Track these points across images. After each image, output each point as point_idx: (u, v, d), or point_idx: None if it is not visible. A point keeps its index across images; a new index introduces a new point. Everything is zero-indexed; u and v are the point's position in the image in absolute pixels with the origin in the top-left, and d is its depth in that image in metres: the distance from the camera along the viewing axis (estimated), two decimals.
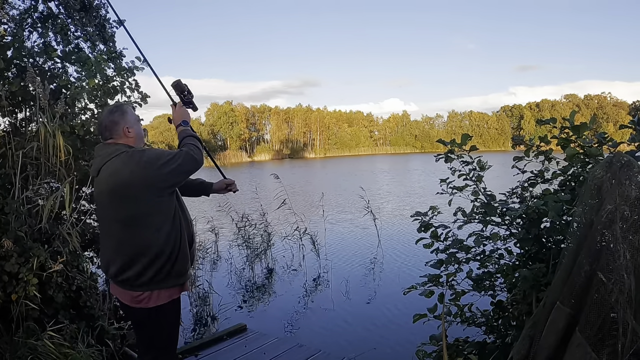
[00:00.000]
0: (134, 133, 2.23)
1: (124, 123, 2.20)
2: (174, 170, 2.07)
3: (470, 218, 2.69)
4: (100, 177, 2.14)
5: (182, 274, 2.20)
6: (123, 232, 2.11)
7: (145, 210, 2.07)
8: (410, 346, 3.27)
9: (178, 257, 2.15)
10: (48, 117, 3.70)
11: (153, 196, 2.07)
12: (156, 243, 2.08)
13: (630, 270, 1.55)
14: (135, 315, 2.26)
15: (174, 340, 2.36)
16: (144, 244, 2.08)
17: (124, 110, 2.26)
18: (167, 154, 2.12)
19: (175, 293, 2.22)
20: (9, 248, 3.17)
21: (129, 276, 2.10)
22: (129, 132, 2.21)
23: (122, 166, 2.07)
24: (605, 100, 76.12)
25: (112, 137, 2.20)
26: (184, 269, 2.20)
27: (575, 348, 1.67)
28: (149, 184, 2.05)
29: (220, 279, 7.59)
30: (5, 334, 3.25)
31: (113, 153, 2.12)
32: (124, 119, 2.21)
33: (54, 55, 4.40)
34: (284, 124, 73.54)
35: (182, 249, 2.16)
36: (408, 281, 3.25)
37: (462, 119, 79.78)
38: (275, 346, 3.96)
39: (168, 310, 2.21)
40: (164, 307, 2.17)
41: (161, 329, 2.23)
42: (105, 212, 2.19)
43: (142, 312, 2.17)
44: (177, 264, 2.15)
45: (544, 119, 2.51)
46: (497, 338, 2.71)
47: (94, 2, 5.88)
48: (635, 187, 1.60)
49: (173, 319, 2.29)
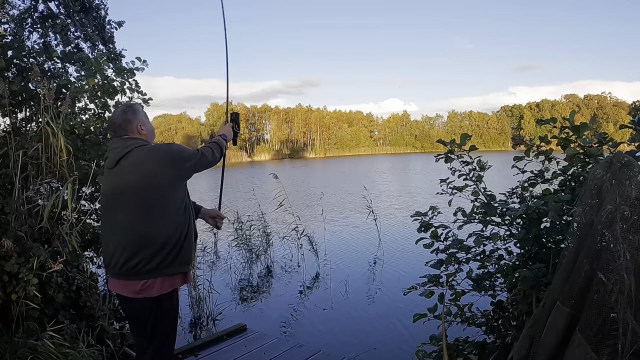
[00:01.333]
0: (146, 130, 2.38)
1: (136, 121, 2.34)
2: (193, 165, 2.29)
3: (470, 218, 2.69)
4: (119, 168, 2.23)
5: (186, 262, 2.31)
6: (137, 220, 2.19)
7: (163, 199, 2.20)
8: (410, 346, 3.27)
9: (184, 245, 2.25)
10: (53, 117, 3.71)
11: (172, 187, 2.23)
12: (167, 230, 2.20)
13: (630, 270, 1.55)
14: (136, 309, 2.28)
15: (171, 336, 2.38)
16: (156, 231, 2.18)
17: (135, 109, 2.40)
18: (188, 151, 2.33)
19: (177, 282, 2.29)
20: (9, 248, 3.17)
21: (137, 262, 2.16)
22: (142, 129, 2.35)
23: (149, 156, 2.23)
24: (605, 100, 76.14)
25: (127, 134, 2.33)
26: (188, 258, 2.31)
27: (575, 348, 1.67)
28: (173, 175, 2.22)
29: (220, 278, 7.59)
30: (5, 334, 3.25)
31: (132, 145, 2.25)
32: (136, 117, 2.35)
33: (54, 55, 4.40)
34: (284, 124, 73.58)
35: (187, 238, 2.27)
36: (408, 281, 3.25)
37: (462, 119, 79.80)
38: (275, 346, 3.96)
39: (168, 301, 2.26)
40: (165, 297, 2.23)
41: (160, 321, 2.27)
42: (119, 202, 2.24)
43: (144, 303, 2.21)
44: (183, 250, 2.25)
45: (544, 119, 2.51)
46: (497, 338, 2.71)
47: (93, 3, 5.88)
48: (635, 187, 1.60)
49: (173, 311, 2.33)
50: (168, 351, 2.37)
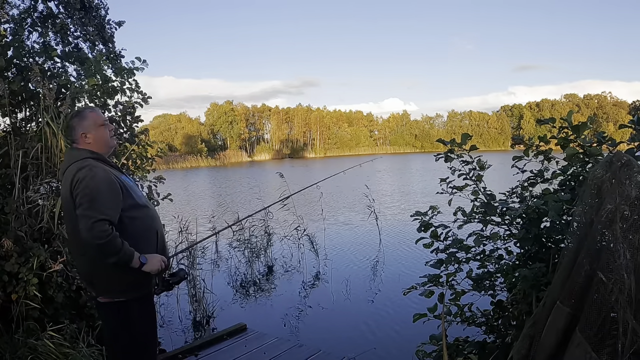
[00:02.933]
0: (92, 138, 2.24)
1: (80, 129, 2.23)
2: (81, 220, 2.03)
3: (470, 218, 2.69)
4: (63, 180, 2.22)
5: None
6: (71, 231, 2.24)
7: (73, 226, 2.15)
8: (410, 346, 3.26)
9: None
10: (53, 117, 3.70)
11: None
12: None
13: (630, 269, 1.55)
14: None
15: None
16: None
17: (82, 116, 2.28)
18: (91, 207, 2.01)
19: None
20: (9, 248, 3.18)
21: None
22: (86, 138, 2.23)
23: (66, 180, 2.15)
24: (605, 100, 76.03)
25: (74, 141, 2.27)
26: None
27: (575, 348, 1.67)
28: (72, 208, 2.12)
29: (220, 278, 7.59)
30: (5, 333, 3.25)
31: (72, 159, 2.19)
32: (80, 124, 2.24)
33: (53, 55, 4.40)
34: (284, 123, 73.47)
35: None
36: (408, 281, 3.25)
37: (462, 118, 79.66)
38: (275, 346, 3.96)
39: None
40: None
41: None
42: (64, 211, 2.30)
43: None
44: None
45: (543, 118, 2.51)
46: (497, 338, 2.71)
47: (93, 2, 5.88)
48: (635, 186, 1.60)
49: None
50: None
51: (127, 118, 4.61)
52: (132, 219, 2.17)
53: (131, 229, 2.14)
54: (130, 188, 2.25)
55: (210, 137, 67.18)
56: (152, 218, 2.31)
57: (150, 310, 2.31)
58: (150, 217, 2.30)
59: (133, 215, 2.18)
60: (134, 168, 4.64)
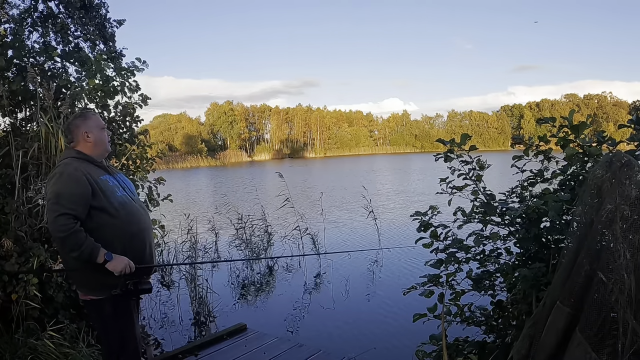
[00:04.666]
0: (93, 138, 2.35)
1: (84, 127, 2.33)
2: (46, 214, 2.27)
3: (470, 218, 2.69)
4: None
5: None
6: None
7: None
8: (410, 346, 3.27)
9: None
10: (53, 117, 3.70)
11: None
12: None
13: (630, 270, 1.55)
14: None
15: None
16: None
17: (87, 116, 2.40)
18: (56, 202, 2.09)
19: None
20: (9, 248, 3.18)
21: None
22: (88, 137, 2.34)
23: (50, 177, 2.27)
24: (605, 100, 76.03)
25: (73, 140, 2.36)
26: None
27: (575, 348, 1.67)
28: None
29: (220, 278, 7.58)
30: (5, 333, 3.25)
31: (59, 160, 2.36)
32: (84, 123, 2.35)
33: (54, 55, 4.40)
34: (284, 123, 73.48)
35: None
36: (408, 281, 3.25)
37: (462, 118, 79.68)
38: (275, 346, 3.96)
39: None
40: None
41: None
42: None
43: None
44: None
45: (543, 118, 2.51)
46: (497, 338, 2.71)
47: (94, 1, 5.87)
48: (635, 186, 1.60)
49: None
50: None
51: (127, 119, 4.62)
52: (101, 219, 2.20)
53: (99, 229, 2.18)
54: (107, 190, 2.25)
55: (210, 137, 67.20)
56: (129, 222, 2.28)
57: (125, 310, 2.29)
58: (127, 221, 2.27)
59: (101, 217, 2.20)
60: (133, 168, 4.65)
